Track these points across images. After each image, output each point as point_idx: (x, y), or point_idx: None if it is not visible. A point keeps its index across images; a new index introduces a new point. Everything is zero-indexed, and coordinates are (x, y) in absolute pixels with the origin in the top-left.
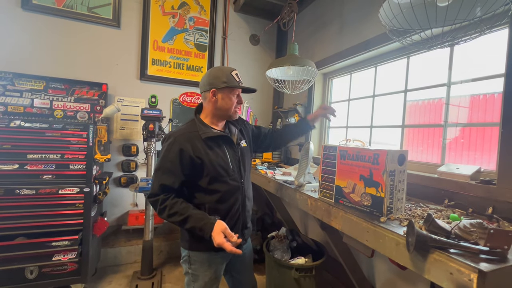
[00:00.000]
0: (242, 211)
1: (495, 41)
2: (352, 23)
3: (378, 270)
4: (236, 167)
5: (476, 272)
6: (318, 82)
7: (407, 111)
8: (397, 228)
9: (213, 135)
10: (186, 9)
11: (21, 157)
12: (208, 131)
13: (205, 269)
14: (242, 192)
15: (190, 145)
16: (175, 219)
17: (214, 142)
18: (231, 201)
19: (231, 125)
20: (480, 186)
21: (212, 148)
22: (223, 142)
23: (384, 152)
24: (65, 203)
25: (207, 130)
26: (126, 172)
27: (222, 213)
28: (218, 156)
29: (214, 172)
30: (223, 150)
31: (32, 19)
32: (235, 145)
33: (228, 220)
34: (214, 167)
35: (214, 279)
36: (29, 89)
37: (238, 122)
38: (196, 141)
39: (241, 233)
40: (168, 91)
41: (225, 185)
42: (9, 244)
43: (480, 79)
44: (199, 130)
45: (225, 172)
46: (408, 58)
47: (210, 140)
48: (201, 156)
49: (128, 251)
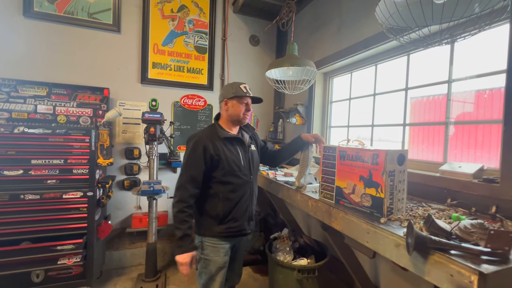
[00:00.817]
0: (250, 204)
1: (500, 36)
2: (350, 22)
3: (382, 270)
4: (247, 164)
5: (476, 274)
6: (319, 82)
7: (412, 107)
8: (397, 229)
9: (229, 136)
10: (186, 12)
11: (25, 162)
12: (225, 133)
13: (216, 255)
14: (251, 186)
15: (211, 143)
16: (176, 224)
17: (229, 142)
18: (241, 192)
19: (243, 131)
20: (483, 184)
21: (228, 147)
22: (236, 143)
23: (383, 152)
24: (69, 207)
25: (225, 132)
26: (129, 176)
27: (233, 201)
28: (233, 153)
29: (228, 167)
30: (236, 149)
31: (34, 26)
32: (246, 146)
33: (238, 208)
34: (229, 162)
35: (223, 264)
36: (33, 95)
37: (249, 129)
38: (216, 140)
39: (247, 224)
40: (169, 94)
41: (237, 179)
42: (15, 248)
43: (483, 75)
44: (218, 132)
45: (237, 168)
46: (408, 56)
47: (226, 140)
48: (219, 153)
49: (132, 253)
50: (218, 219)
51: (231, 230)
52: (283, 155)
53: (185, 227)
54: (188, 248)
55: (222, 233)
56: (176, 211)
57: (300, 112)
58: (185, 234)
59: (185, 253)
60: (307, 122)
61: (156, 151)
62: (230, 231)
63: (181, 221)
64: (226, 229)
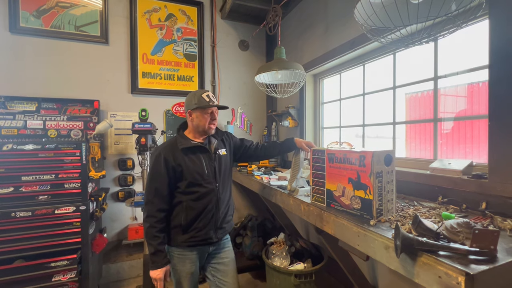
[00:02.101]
0: (216, 212)
1: (483, 31)
2: (336, 23)
3: (379, 272)
4: (211, 172)
5: (463, 275)
6: (309, 83)
7: (407, 103)
8: (386, 231)
9: (190, 146)
10: (173, 21)
11: (16, 179)
12: (185, 143)
13: (181, 264)
14: (217, 194)
15: (171, 155)
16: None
17: (191, 151)
18: (205, 201)
19: (212, 137)
20: (472, 181)
21: (189, 156)
22: (199, 151)
23: (370, 154)
24: (61, 222)
25: (185, 142)
26: (123, 187)
27: (197, 210)
28: (195, 163)
29: (190, 177)
30: (200, 158)
31: (21, 42)
32: (211, 153)
33: (202, 218)
34: (190, 172)
35: (190, 274)
36: (22, 111)
37: (219, 134)
38: (176, 151)
39: (214, 233)
40: (161, 102)
41: (201, 188)
42: (7, 268)
43: (465, 71)
44: (178, 143)
45: (200, 177)
46: (394, 54)
47: (187, 150)
48: (180, 163)
49: (130, 265)
50: (182, 229)
51: (195, 239)
52: (270, 152)
53: (156, 243)
54: (161, 264)
55: (186, 242)
56: (147, 226)
57: (292, 114)
58: (156, 250)
59: (158, 268)
60: (300, 124)
61: (148, 161)
62: (194, 240)
63: (152, 237)
64: (190, 238)
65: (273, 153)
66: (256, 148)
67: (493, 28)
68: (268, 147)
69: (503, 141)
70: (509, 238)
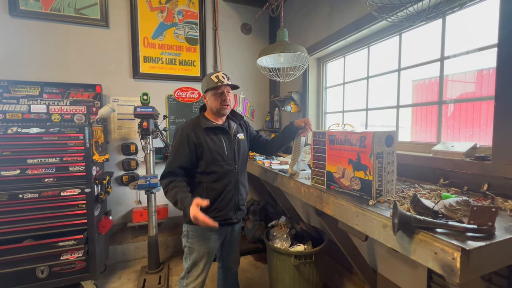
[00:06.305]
0: (235, 193)
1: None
2: (341, 4)
3: (378, 253)
4: (231, 154)
5: (459, 250)
6: (312, 67)
7: (414, 90)
8: (385, 210)
9: (212, 126)
10: (174, 3)
11: (22, 162)
12: (208, 123)
13: (200, 244)
14: (235, 175)
15: (193, 133)
16: (171, 200)
17: (212, 132)
18: (225, 181)
19: (231, 120)
20: (475, 162)
21: (210, 137)
22: (220, 132)
23: (371, 134)
24: (68, 204)
25: (208, 122)
26: (127, 171)
27: (217, 191)
28: (215, 143)
29: (211, 156)
30: (220, 139)
31: (22, 25)
32: (231, 136)
33: (222, 198)
34: (211, 152)
35: (207, 254)
36: (25, 95)
37: (237, 118)
38: (198, 130)
39: (233, 213)
40: (163, 87)
41: (220, 168)
42: (18, 246)
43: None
44: (201, 122)
45: (220, 157)
46: (400, 35)
47: (209, 130)
48: (201, 142)
49: (136, 247)
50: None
51: (216, 219)
52: (276, 144)
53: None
54: (188, 204)
55: None
56: (165, 184)
57: (295, 99)
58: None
59: (188, 208)
60: (302, 109)
61: (151, 145)
62: (215, 220)
63: (172, 188)
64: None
65: (280, 144)
66: (266, 141)
67: (504, 5)
68: (274, 140)
69: (508, 121)
70: (508, 218)
